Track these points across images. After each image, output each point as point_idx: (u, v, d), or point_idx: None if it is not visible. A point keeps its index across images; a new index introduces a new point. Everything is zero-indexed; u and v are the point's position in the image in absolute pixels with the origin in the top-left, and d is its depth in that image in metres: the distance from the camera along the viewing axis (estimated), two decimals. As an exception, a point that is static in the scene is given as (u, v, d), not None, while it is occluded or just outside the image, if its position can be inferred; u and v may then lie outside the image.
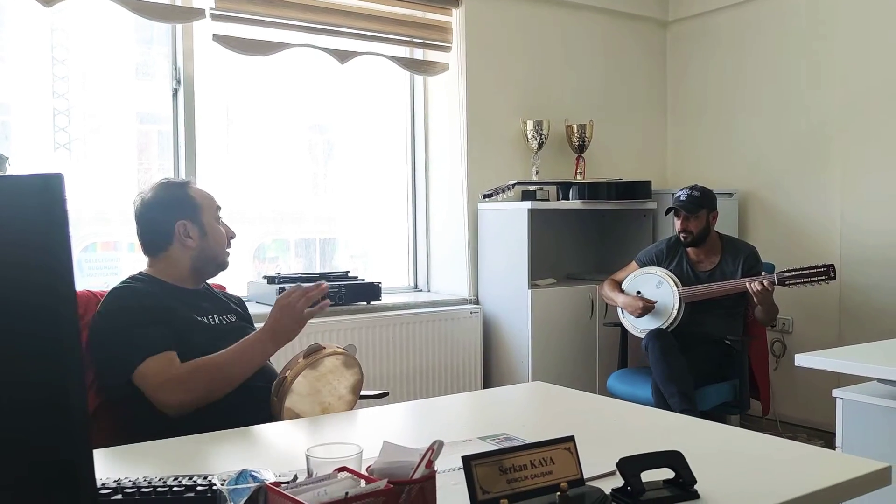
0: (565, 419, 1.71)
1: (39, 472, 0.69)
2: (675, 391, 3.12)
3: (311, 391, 1.82)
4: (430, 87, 4.12)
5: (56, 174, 0.66)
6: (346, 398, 1.88)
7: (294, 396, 1.78)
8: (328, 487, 0.90)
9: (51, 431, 0.67)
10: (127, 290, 1.90)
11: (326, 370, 1.84)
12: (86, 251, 3.40)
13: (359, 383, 1.91)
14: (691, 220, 3.41)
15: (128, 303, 1.86)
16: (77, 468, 0.66)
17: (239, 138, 3.81)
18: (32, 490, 0.69)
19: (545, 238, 4.13)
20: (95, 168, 3.35)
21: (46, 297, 0.66)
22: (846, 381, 2.49)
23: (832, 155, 4.01)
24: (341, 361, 1.87)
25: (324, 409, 1.83)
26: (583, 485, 1.13)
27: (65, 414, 0.66)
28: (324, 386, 1.84)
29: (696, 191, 3.45)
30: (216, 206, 2.02)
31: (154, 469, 1.24)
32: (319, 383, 1.83)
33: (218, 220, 2.02)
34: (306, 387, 1.81)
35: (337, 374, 1.86)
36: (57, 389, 0.66)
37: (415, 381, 3.71)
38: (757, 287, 3.22)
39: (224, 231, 2.03)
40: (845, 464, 1.36)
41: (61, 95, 3.30)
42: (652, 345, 3.25)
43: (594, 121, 4.24)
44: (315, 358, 1.82)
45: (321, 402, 1.83)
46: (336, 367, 1.86)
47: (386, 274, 4.00)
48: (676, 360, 3.19)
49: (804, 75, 4.11)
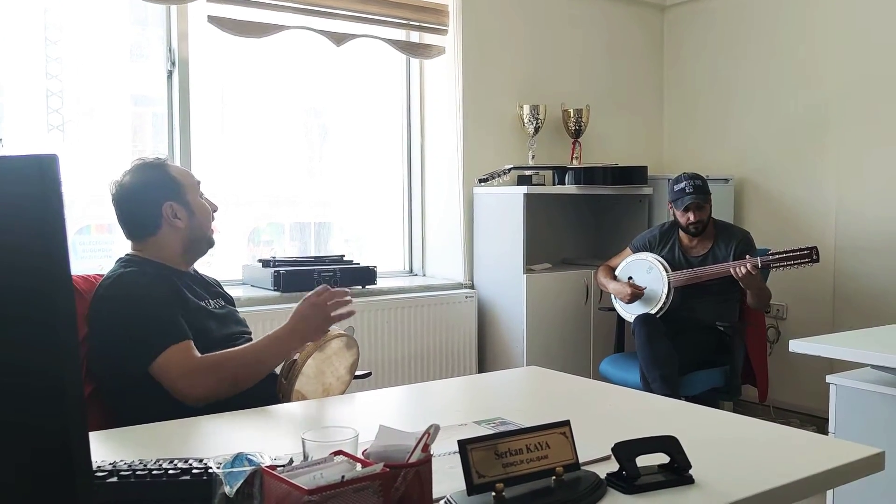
0: (560, 404, 1.71)
1: (35, 457, 0.68)
2: (658, 376, 3.14)
3: (317, 373, 1.84)
4: (426, 71, 4.10)
5: (51, 155, 0.66)
6: (344, 378, 1.90)
7: (303, 378, 1.79)
8: (324, 471, 0.90)
9: (46, 416, 0.67)
10: (136, 274, 1.84)
11: (332, 352, 1.86)
12: (80, 234, 3.39)
13: (356, 363, 1.93)
14: (702, 211, 3.41)
15: (141, 289, 1.80)
16: (73, 452, 0.66)
17: (234, 121, 3.79)
18: (28, 474, 0.69)
19: (541, 223, 4.13)
20: (89, 150, 3.33)
21: (42, 281, 0.66)
22: (839, 367, 2.51)
23: (828, 141, 4.01)
24: (344, 343, 1.88)
25: (325, 390, 1.85)
26: (578, 469, 1.13)
27: (60, 398, 0.66)
28: (327, 367, 1.86)
29: (697, 180, 3.44)
30: (196, 181, 1.98)
31: (150, 452, 1.24)
32: (324, 365, 1.85)
33: (201, 195, 1.98)
34: (314, 369, 1.82)
35: (339, 356, 1.88)
36: (52, 374, 0.66)
37: (410, 365, 3.71)
38: (741, 271, 3.22)
39: (208, 206, 1.99)
40: (839, 449, 1.37)
41: (55, 76, 3.27)
42: (638, 330, 3.27)
43: (591, 105, 4.23)
44: (323, 340, 1.83)
45: (324, 382, 1.85)
46: (340, 348, 1.88)
47: (381, 258, 3.99)
48: (661, 345, 3.20)
49: (801, 61, 4.10)
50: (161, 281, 1.85)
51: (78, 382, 0.67)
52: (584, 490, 1.09)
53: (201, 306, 1.90)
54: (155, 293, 1.80)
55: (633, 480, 1.13)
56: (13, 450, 0.69)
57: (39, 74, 3.26)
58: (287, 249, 3.95)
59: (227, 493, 0.97)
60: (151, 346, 1.72)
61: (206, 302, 1.94)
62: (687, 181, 3.44)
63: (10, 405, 0.68)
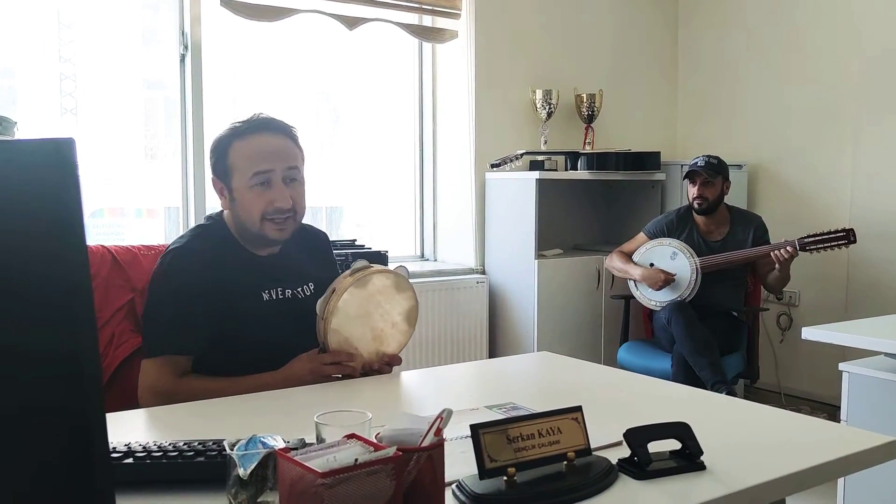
0: (572, 389, 1.71)
1: (53, 438, 0.69)
2: (707, 363, 3.09)
3: (361, 312, 1.65)
4: (438, 55, 4.09)
5: (67, 139, 0.66)
6: (401, 326, 1.72)
7: (341, 316, 1.63)
8: (337, 454, 0.91)
9: (64, 396, 0.68)
10: (185, 258, 1.73)
11: (375, 290, 1.67)
12: (93, 216, 3.40)
13: (414, 310, 1.74)
14: (708, 187, 3.40)
15: (175, 280, 1.71)
16: (90, 432, 0.67)
17: (246, 105, 3.79)
18: (46, 455, 0.70)
19: (553, 208, 4.12)
20: (102, 134, 3.34)
21: (59, 263, 0.66)
22: (852, 355, 2.49)
23: (843, 127, 3.97)
24: (392, 282, 1.69)
25: (376, 337, 1.70)
26: (590, 455, 1.13)
27: (78, 379, 0.67)
28: (374, 309, 1.67)
29: (713, 158, 3.45)
30: (254, 170, 1.72)
31: (165, 434, 1.25)
32: (370, 305, 1.66)
33: (252, 186, 1.72)
34: (354, 307, 1.64)
35: (388, 297, 1.69)
36: (70, 355, 0.66)
37: (421, 349, 3.72)
38: (784, 255, 3.21)
39: (258, 200, 1.72)
40: (851, 437, 1.37)
41: (68, 60, 3.28)
42: (675, 318, 3.21)
43: (604, 90, 4.20)
44: (363, 275, 1.65)
45: (373, 327, 1.68)
46: (386, 287, 1.69)
47: (393, 243, 3.99)
48: (702, 332, 3.17)
49: (817, 46, 4.06)
50: (196, 265, 1.71)
51: (95, 362, 0.67)
52: (595, 475, 1.10)
53: (253, 296, 1.75)
54: (183, 288, 1.69)
55: (644, 466, 1.13)
56: (30, 430, 0.70)
57: (53, 58, 3.27)
58: (299, 234, 3.95)
59: (242, 475, 0.98)
60: (148, 346, 1.71)
61: (270, 292, 1.77)
62: (702, 157, 3.46)
63: (28, 386, 0.69)
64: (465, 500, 1.03)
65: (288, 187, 1.74)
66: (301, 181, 1.79)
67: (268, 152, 1.73)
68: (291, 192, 1.75)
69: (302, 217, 1.81)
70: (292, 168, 1.76)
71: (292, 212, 1.76)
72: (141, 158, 3.52)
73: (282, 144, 1.76)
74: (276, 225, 1.74)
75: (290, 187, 1.75)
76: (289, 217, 1.75)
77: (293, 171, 1.76)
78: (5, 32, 3.14)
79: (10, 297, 0.69)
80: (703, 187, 3.40)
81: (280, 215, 1.73)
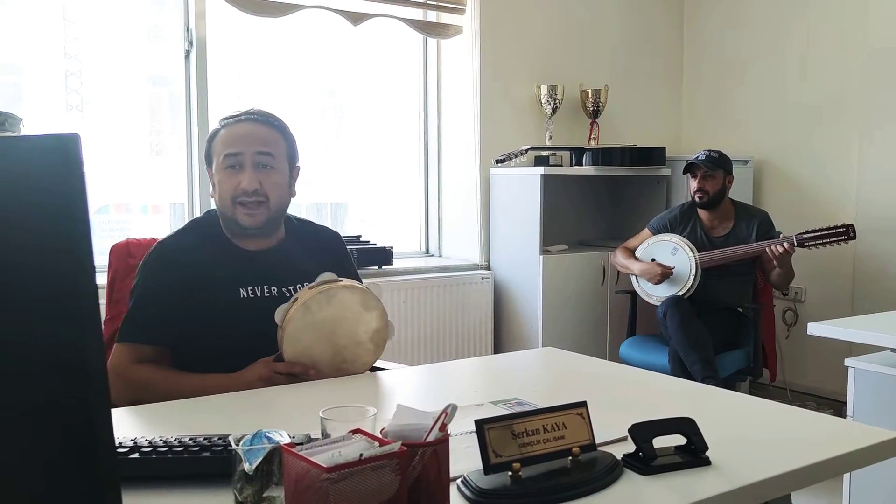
0: (577, 385, 1.71)
1: (58, 432, 0.69)
2: (698, 358, 3.11)
3: (322, 326, 1.61)
4: (443, 51, 4.08)
5: (73, 135, 0.66)
6: (367, 346, 1.67)
7: (300, 326, 1.59)
8: (342, 449, 0.91)
9: (69, 390, 0.68)
10: (167, 249, 1.78)
11: (341, 305, 1.62)
12: (99, 212, 3.41)
13: (381, 331, 1.68)
14: (708, 180, 3.40)
15: (152, 270, 1.75)
16: (96, 426, 0.67)
17: (251, 101, 3.79)
18: (51, 448, 0.70)
19: (557, 204, 4.12)
20: (107, 130, 3.35)
21: (64, 259, 0.66)
22: (858, 351, 2.49)
23: (849, 121, 3.96)
24: (359, 299, 1.64)
25: (337, 353, 1.65)
26: (594, 450, 1.13)
27: (83, 373, 0.67)
28: (338, 325, 1.63)
29: (714, 152, 3.45)
30: (226, 151, 1.75)
31: (170, 429, 1.26)
32: (333, 320, 1.62)
33: (224, 168, 1.75)
34: (316, 319, 1.60)
35: (354, 314, 1.64)
36: (75, 349, 0.67)
37: (426, 345, 3.73)
38: (779, 250, 3.20)
39: (228, 182, 1.74)
40: (856, 433, 1.36)
41: (73, 56, 3.28)
42: (671, 312, 3.23)
43: (609, 85, 4.19)
44: (327, 288, 1.61)
45: (335, 343, 1.64)
46: (353, 303, 1.64)
47: (397, 238, 3.99)
48: (696, 328, 3.18)
49: (823, 41, 4.04)
50: (173, 263, 1.74)
51: (100, 356, 0.68)
52: (600, 471, 1.10)
53: (227, 294, 1.73)
54: (157, 281, 1.73)
55: (649, 462, 1.13)
56: (36, 425, 0.70)
57: (58, 54, 3.27)
58: (304, 230, 3.96)
59: (247, 470, 0.98)
60: (122, 329, 1.74)
61: (247, 290, 1.75)
62: (702, 151, 3.46)
63: (32, 380, 0.69)
64: (469, 496, 1.03)
65: (258, 172, 1.75)
66: (277, 169, 1.78)
67: (240, 136, 1.76)
68: (260, 177, 1.75)
69: (277, 206, 1.80)
70: (264, 154, 1.76)
71: (263, 197, 1.75)
72: (146, 154, 3.52)
73: (257, 130, 1.78)
74: (246, 209, 1.74)
75: (261, 172, 1.75)
76: (259, 202, 1.75)
77: (265, 157, 1.76)
78: (11, 29, 3.15)
79: (16, 291, 0.69)
80: (704, 180, 3.40)
81: (247, 198, 1.73)
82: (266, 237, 1.82)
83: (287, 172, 1.83)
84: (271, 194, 1.76)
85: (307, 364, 1.63)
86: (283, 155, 1.81)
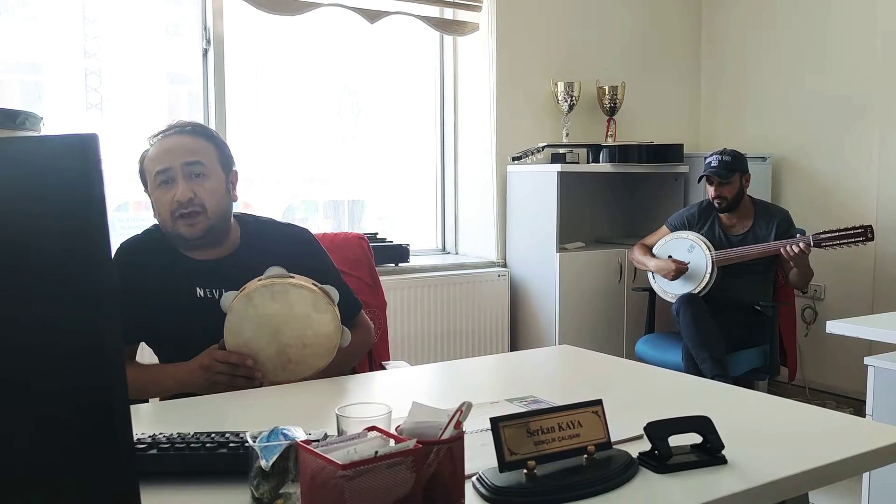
0: (593, 383, 1.71)
1: (77, 419, 0.71)
2: (708, 357, 3.10)
3: (266, 321, 1.57)
4: (459, 48, 4.08)
5: (91, 134, 0.67)
6: (314, 349, 1.60)
7: (239, 318, 1.56)
8: (358, 446, 0.91)
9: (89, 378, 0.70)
10: (123, 248, 1.82)
11: (290, 302, 1.57)
12: (119, 210, 3.44)
13: (331, 336, 1.60)
14: (725, 186, 3.37)
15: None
16: (114, 411, 0.69)
17: (268, 99, 3.81)
18: (71, 436, 0.71)
19: (574, 201, 4.10)
20: (127, 128, 3.37)
21: (85, 256, 0.68)
22: (878, 349, 2.46)
23: (870, 117, 3.92)
24: (310, 300, 1.58)
25: (280, 352, 1.59)
26: (610, 448, 1.13)
27: (103, 361, 0.69)
28: (284, 323, 1.57)
29: (726, 155, 3.40)
30: (156, 168, 1.73)
31: (188, 425, 1.27)
32: (278, 317, 1.57)
33: (158, 186, 1.74)
34: (258, 312, 1.56)
35: (303, 314, 1.58)
36: (96, 338, 0.69)
37: (442, 342, 3.73)
38: (794, 250, 3.18)
39: (163, 199, 1.73)
40: (876, 432, 1.35)
41: (93, 55, 3.31)
42: (683, 310, 3.22)
43: (626, 82, 4.17)
44: (278, 282, 1.57)
45: (280, 341, 1.59)
46: (303, 303, 1.58)
47: (414, 236, 4.00)
48: (708, 326, 3.17)
49: (844, 35, 4.00)
50: (139, 261, 1.77)
51: (118, 346, 0.70)
52: (615, 469, 1.09)
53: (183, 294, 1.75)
54: (124, 278, 1.73)
55: (665, 460, 1.13)
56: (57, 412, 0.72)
57: (78, 53, 3.30)
58: (321, 227, 3.98)
59: (263, 467, 0.99)
60: None
61: (203, 290, 1.76)
62: (715, 155, 3.42)
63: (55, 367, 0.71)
64: (485, 493, 1.03)
65: (190, 182, 1.72)
66: (210, 176, 1.75)
67: (165, 151, 1.74)
68: (193, 186, 1.72)
69: (217, 213, 1.75)
70: (192, 164, 1.73)
71: (199, 207, 1.72)
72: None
73: (180, 142, 1.75)
74: (185, 220, 1.72)
75: (194, 182, 1.73)
76: (195, 213, 1.72)
77: (194, 167, 1.74)
78: (32, 28, 3.18)
79: (37, 285, 0.71)
80: (720, 187, 3.38)
81: (184, 209, 1.71)
82: (214, 247, 1.79)
83: (223, 178, 1.79)
84: (207, 202, 1.73)
85: (246, 357, 1.59)
86: (214, 161, 1.77)
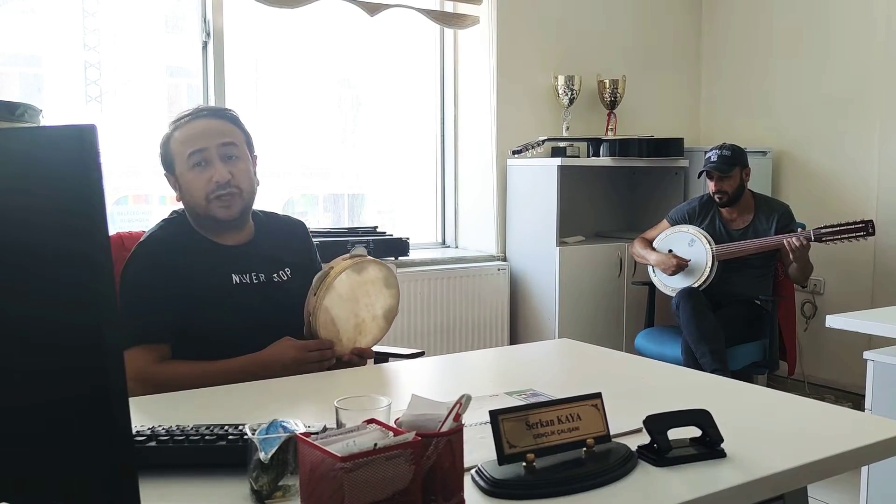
0: (592, 376, 1.71)
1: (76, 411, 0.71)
2: (707, 351, 3.11)
3: (350, 296, 1.69)
4: (459, 41, 4.07)
5: (90, 125, 0.67)
6: (379, 321, 1.77)
7: (334, 296, 1.66)
8: (357, 438, 0.91)
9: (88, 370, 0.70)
10: (148, 245, 1.78)
11: (368, 279, 1.72)
12: (118, 204, 3.44)
13: (393, 309, 1.80)
14: (725, 181, 3.37)
15: (140, 268, 1.74)
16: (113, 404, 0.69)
17: (268, 92, 3.80)
18: (70, 428, 0.71)
19: (574, 195, 4.10)
20: (126, 121, 3.37)
21: (83, 246, 0.68)
22: (877, 344, 2.46)
23: (870, 112, 3.91)
24: (383, 275, 1.75)
25: (357, 325, 1.73)
26: (609, 441, 1.13)
27: (101, 353, 0.69)
28: (363, 296, 1.72)
29: (726, 150, 3.40)
30: (189, 150, 1.75)
31: (187, 418, 1.27)
32: (359, 291, 1.71)
33: (192, 168, 1.76)
34: (348, 288, 1.68)
35: (377, 288, 1.74)
36: (93, 330, 0.69)
37: (442, 336, 3.73)
38: (795, 244, 3.18)
39: (198, 179, 1.75)
40: (875, 426, 1.35)
41: (92, 48, 3.31)
42: (683, 304, 3.23)
43: (627, 76, 4.16)
44: (360, 260, 1.70)
45: (357, 314, 1.72)
46: (378, 279, 1.74)
47: (414, 229, 4.00)
48: (708, 320, 3.17)
49: (844, 30, 3.99)
50: (166, 254, 1.75)
51: (117, 338, 0.70)
52: (614, 462, 1.09)
53: (215, 283, 1.75)
54: (149, 274, 1.72)
55: (664, 453, 1.13)
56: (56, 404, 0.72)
57: (78, 46, 3.29)
58: (321, 220, 3.98)
59: (262, 459, 0.99)
60: (125, 336, 1.68)
61: (239, 276, 1.78)
62: (714, 150, 3.42)
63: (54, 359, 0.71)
64: (484, 486, 1.03)
65: (226, 163, 1.76)
66: (243, 158, 1.81)
67: (199, 133, 1.77)
68: (230, 168, 1.76)
69: (249, 195, 1.81)
70: (227, 144, 1.78)
71: (236, 188, 1.77)
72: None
73: (214, 125, 1.79)
74: (221, 202, 1.76)
75: (229, 163, 1.77)
76: (233, 193, 1.76)
77: (229, 148, 1.78)
78: (31, 21, 3.17)
79: (36, 273, 0.71)
80: (721, 182, 3.38)
81: (222, 190, 1.75)
82: (239, 229, 1.84)
83: (250, 161, 1.85)
84: (242, 183, 1.78)
85: (331, 341, 1.69)
86: (243, 144, 1.83)
